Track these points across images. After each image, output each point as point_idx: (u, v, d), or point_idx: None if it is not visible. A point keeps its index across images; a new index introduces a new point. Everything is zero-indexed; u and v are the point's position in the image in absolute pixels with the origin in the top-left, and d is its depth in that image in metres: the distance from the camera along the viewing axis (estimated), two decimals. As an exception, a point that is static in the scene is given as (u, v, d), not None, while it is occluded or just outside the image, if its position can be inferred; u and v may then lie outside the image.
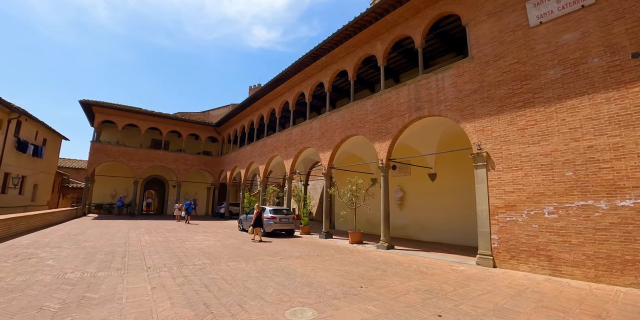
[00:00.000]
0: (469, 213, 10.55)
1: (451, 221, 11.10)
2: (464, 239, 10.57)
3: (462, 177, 10.96)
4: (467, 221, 10.57)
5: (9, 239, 8.59)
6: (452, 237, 10.98)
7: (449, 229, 11.12)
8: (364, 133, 10.45)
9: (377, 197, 11.51)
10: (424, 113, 8.78)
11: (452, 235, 10.99)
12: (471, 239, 10.34)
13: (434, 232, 11.57)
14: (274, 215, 11.52)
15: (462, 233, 10.70)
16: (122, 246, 8.08)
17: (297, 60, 13.04)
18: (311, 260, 7.09)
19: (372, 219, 13.58)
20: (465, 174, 10.89)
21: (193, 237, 10.67)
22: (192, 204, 16.74)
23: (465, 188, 10.87)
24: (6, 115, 14.63)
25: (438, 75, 8.60)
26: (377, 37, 10.44)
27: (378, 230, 13.27)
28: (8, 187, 15.31)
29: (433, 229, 11.63)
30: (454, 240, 10.89)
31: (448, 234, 11.12)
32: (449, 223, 11.16)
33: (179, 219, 17.43)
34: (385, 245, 9.17)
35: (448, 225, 11.17)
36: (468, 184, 10.75)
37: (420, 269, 6.53)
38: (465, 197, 10.82)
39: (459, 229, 10.80)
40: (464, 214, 10.73)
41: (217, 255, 7.30)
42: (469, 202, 10.63)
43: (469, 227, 10.47)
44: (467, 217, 10.60)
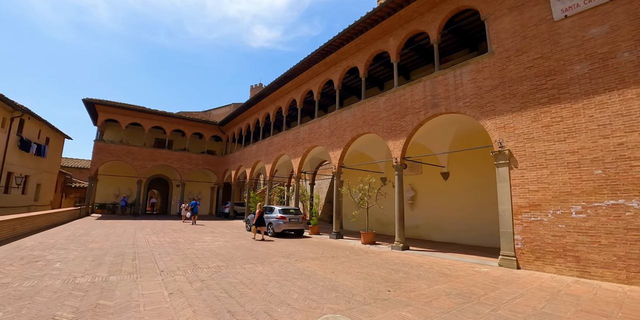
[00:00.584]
0: (484, 213, 10.32)
1: (465, 221, 10.86)
2: (480, 239, 10.33)
3: (477, 176, 10.73)
4: (483, 221, 10.34)
5: (13, 240, 8.36)
6: (466, 238, 10.73)
7: (463, 229, 10.88)
8: (377, 131, 10.20)
9: (388, 197, 11.31)
10: (440, 110, 8.52)
11: (466, 236, 10.75)
12: (487, 239, 10.11)
13: (447, 232, 11.33)
14: (284, 216, 11.28)
15: (476, 233, 10.47)
16: (131, 247, 7.85)
17: (305, 58, 12.78)
18: (328, 262, 6.85)
19: (382, 218, 13.36)
20: (479, 173, 10.66)
21: (201, 237, 10.43)
22: (198, 204, 16.28)
23: (479, 187, 10.63)
24: (9, 113, 14.38)
25: (456, 71, 8.34)
26: (389, 32, 10.19)
27: (388, 230, 13.08)
28: (11, 187, 15.06)
29: (446, 229, 11.39)
30: (469, 241, 10.64)
31: (462, 234, 10.87)
32: (463, 223, 10.91)
33: (185, 219, 17.06)
34: (400, 246, 8.93)
35: (462, 225, 10.93)
36: (482, 183, 10.53)
37: (443, 271, 6.29)
38: (479, 197, 10.59)
39: (474, 229, 10.56)
40: (479, 213, 10.49)
41: (230, 257, 7.06)
42: (484, 201, 10.41)
43: (485, 227, 10.24)
44: (482, 216, 10.37)
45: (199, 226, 14.67)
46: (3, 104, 13.59)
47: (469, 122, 9.73)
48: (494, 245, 9.86)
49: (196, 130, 23.34)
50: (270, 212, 11.87)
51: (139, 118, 20.84)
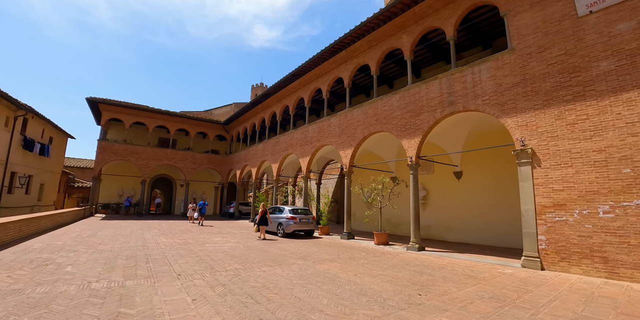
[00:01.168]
0: (499, 212, 10.16)
1: (479, 221, 10.69)
2: (494, 240, 10.17)
3: (491, 176, 10.56)
4: (497, 221, 10.18)
5: (20, 242, 8.15)
6: (480, 238, 10.56)
7: (476, 229, 10.71)
8: (390, 129, 10.01)
9: (400, 197, 11.13)
10: (458, 108, 8.34)
11: (480, 236, 10.58)
12: (502, 240, 9.95)
13: (459, 233, 11.16)
14: (294, 216, 11.09)
15: (491, 233, 10.30)
16: (141, 249, 7.64)
17: (314, 55, 12.58)
18: (347, 264, 6.66)
19: (392, 219, 13.17)
20: (494, 172, 10.49)
21: (211, 238, 10.24)
22: (206, 204, 15.71)
23: (493, 187, 10.46)
24: (12, 112, 14.14)
25: (474, 69, 8.15)
26: (403, 29, 9.99)
27: (400, 230, 12.91)
28: (15, 187, 14.83)
29: (459, 229, 11.21)
30: (483, 241, 10.47)
31: (475, 234, 10.70)
32: (476, 223, 10.74)
33: (193, 220, 16.54)
34: (416, 247, 8.75)
35: (475, 226, 10.76)
36: (497, 183, 10.36)
37: (467, 272, 6.12)
38: (494, 196, 10.42)
39: (488, 229, 10.39)
40: (493, 213, 10.33)
41: (245, 258, 6.87)
42: (498, 201, 10.25)
43: (499, 227, 10.08)
44: (497, 216, 10.21)
45: (206, 227, 14.47)
46: (7, 102, 13.36)
47: (484, 120, 9.57)
48: (510, 245, 9.71)
49: (200, 129, 23.12)
50: (280, 213, 11.68)
51: (143, 117, 20.61)
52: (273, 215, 12.05)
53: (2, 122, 13.67)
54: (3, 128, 13.75)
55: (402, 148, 12.78)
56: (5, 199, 14.06)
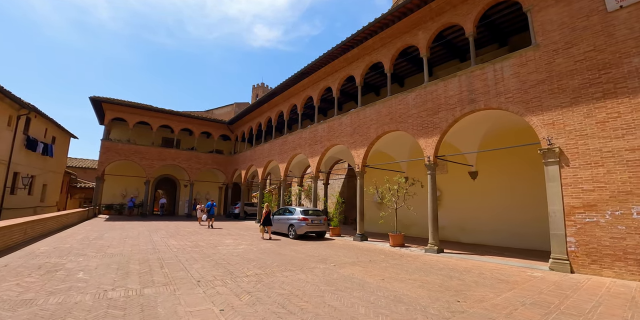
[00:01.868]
0: (515, 213, 9.94)
1: (495, 222, 10.45)
2: (511, 241, 9.94)
3: (507, 176, 10.33)
4: (514, 222, 9.95)
5: (25, 246, 7.85)
6: (496, 239, 10.33)
7: (492, 231, 10.48)
8: (406, 128, 9.76)
9: (414, 197, 10.88)
10: (479, 106, 8.10)
11: (496, 237, 10.35)
12: (519, 241, 9.73)
13: (475, 234, 10.92)
14: (306, 217, 10.83)
15: (507, 234, 10.07)
16: (152, 253, 7.36)
17: (325, 53, 12.33)
18: (369, 267, 6.41)
19: (403, 219, 12.91)
20: (510, 172, 10.27)
21: (222, 240, 9.97)
22: (214, 205, 14.79)
23: (510, 187, 10.24)
24: (15, 111, 13.84)
25: (495, 66, 7.92)
26: (419, 26, 9.75)
27: (412, 231, 12.65)
28: (17, 188, 14.52)
29: (474, 230, 10.98)
30: (499, 242, 10.24)
31: (492, 235, 10.47)
32: (492, 224, 10.51)
33: (201, 221, 15.87)
34: (435, 249, 8.51)
35: (491, 227, 10.53)
36: (514, 183, 10.14)
37: (496, 276, 5.88)
38: (510, 197, 10.19)
39: (504, 230, 10.16)
40: (510, 214, 10.10)
41: (263, 262, 6.61)
42: (515, 201, 10.02)
43: (516, 228, 9.86)
44: (513, 217, 9.98)
45: (214, 229, 14.18)
46: (10, 101, 13.06)
47: (502, 119, 9.33)
48: (528, 246, 9.50)
49: (204, 129, 22.83)
50: (291, 214, 11.43)
51: (147, 117, 20.31)
52: (283, 217, 11.80)
53: (5, 121, 13.38)
54: (6, 127, 13.45)
55: (414, 148, 12.58)
56: (8, 200, 13.76)
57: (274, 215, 12.51)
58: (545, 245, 9.20)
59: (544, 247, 9.23)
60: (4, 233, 7.24)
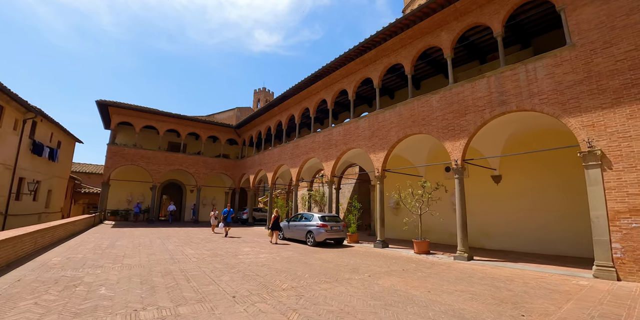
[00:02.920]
0: (542, 218, 9.62)
1: (520, 227, 10.11)
2: (538, 247, 9.59)
3: (532, 179, 10.02)
4: (541, 227, 9.62)
5: (36, 256, 7.41)
6: (522, 245, 9.97)
7: (518, 236, 10.12)
8: (430, 131, 9.47)
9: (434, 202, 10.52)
10: (510, 108, 7.82)
11: (522, 243, 9.99)
12: (548, 247, 9.39)
13: (499, 239, 10.56)
14: (325, 223, 10.45)
15: (534, 240, 9.73)
16: (172, 263, 6.95)
17: (340, 55, 12.11)
18: (407, 277, 6.04)
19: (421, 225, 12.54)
20: (536, 176, 9.96)
21: (240, 248, 9.57)
22: (232, 212, 13.54)
23: (536, 191, 9.92)
24: (22, 114, 13.49)
25: (528, 66, 7.67)
26: (442, 26, 9.54)
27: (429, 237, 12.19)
28: (23, 193, 14.09)
29: (498, 235, 10.61)
30: (526, 248, 9.88)
31: (517, 241, 10.12)
32: (518, 229, 10.16)
33: (215, 229, 14.81)
34: (465, 256, 8.15)
35: (517, 232, 10.18)
36: (539, 187, 9.82)
37: (542, 285, 5.56)
38: (536, 201, 9.87)
39: (531, 235, 9.81)
40: (536, 219, 9.77)
41: (293, 273, 6.22)
42: (542, 206, 9.70)
43: (544, 233, 9.52)
44: (540, 222, 9.66)
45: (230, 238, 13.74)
46: (16, 104, 12.72)
47: (529, 121, 9.07)
48: (556, 252, 9.19)
49: (211, 133, 22.50)
50: (308, 220, 11.04)
51: (154, 121, 19.99)
52: (300, 223, 11.41)
53: (11, 125, 13.02)
54: (12, 131, 13.08)
55: (433, 151, 12.29)
56: (13, 206, 13.32)
57: (289, 222, 12.14)
58: (575, 251, 8.88)
59: (574, 252, 8.90)
60: (15, 243, 6.81)
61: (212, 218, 14.99)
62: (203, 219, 22.84)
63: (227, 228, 13.12)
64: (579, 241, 8.77)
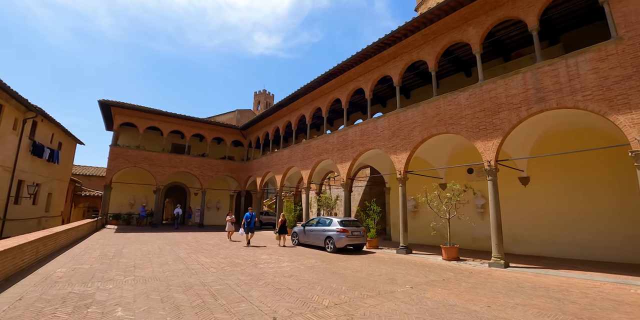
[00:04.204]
0: (575, 221, 9.13)
1: (552, 231, 9.62)
2: (572, 252, 9.12)
3: (564, 181, 9.55)
4: (574, 231, 9.14)
5: (38, 267, 6.69)
6: (554, 250, 9.48)
7: (549, 241, 9.63)
8: (458, 131, 8.98)
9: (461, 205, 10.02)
10: (550, 105, 7.35)
11: (554, 248, 9.50)
12: (581, 251, 8.93)
13: (529, 244, 10.04)
14: (345, 228, 9.88)
15: (567, 244, 9.25)
16: (190, 275, 6.30)
17: (357, 52, 11.64)
18: (453, 288, 5.49)
19: (442, 229, 12.00)
20: (567, 177, 9.49)
21: (256, 256, 8.97)
22: (254, 216, 11.79)
23: (568, 193, 9.44)
24: (21, 114, 12.84)
25: (568, 61, 7.21)
26: (470, 20, 9.09)
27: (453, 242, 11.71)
28: (22, 197, 13.39)
29: (527, 240, 10.10)
30: (559, 253, 9.38)
31: (549, 246, 9.62)
32: (549, 233, 9.67)
33: (232, 235, 13.07)
34: (501, 263, 7.63)
35: (548, 236, 9.69)
36: (572, 189, 9.35)
37: (604, 296, 5.10)
38: (568, 204, 9.39)
39: (563, 240, 9.33)
40: (569, 222, 9.28)
41: (327, 285, 5.64)
42: (575, 209, 9.21)
43: (577, 237, 9.04)
44: (573, 226, 9.17)
45: (236, 241, 13.10)
46: (16, 103, 12.09)
47: (561, 121, 8.63)
48: (591, 257, 8.72)
49: (217, 134, 21.90)
50: (327, 225, 10.47)
51: (158, 121, 19.37)
52: (317, 228, 10.84)
53: (10, 124, 12.37)
54: (11, 131, 12.43)
55: (455, 152, 11.81)
56: (12, 211, 12.62)
57: (304, 226, 11.58)
58: (614, 257, 8.39)
59: (612, 258, 8.42)
60: (15, 254, 6.10)
61: (229, 223, 12.94)
62: (208, 222, 22.16)
63: (249, 235, 11.45)
64: (619, 246, 8.28)
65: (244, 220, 11.57)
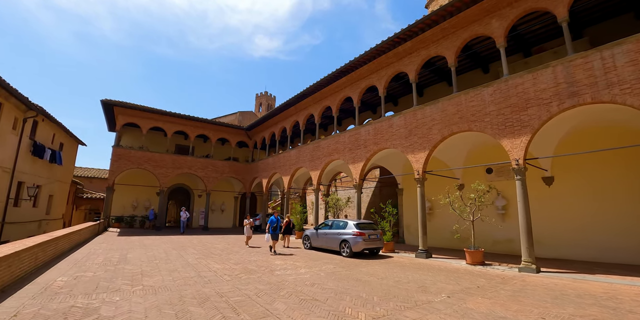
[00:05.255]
0: (604, 223, 8.67)
1: (579, 233, 9.16)
2: (601, 255, 8.67)
3: (591, 181, 9.11)
4: (602, 233, 8.68)
5: (37, 275, 6.11)
6: (582, 253, 9.02)
7: (576, 243, 9.18)
8: (482, 128, 8.54)
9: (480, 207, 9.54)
10: (584, 100, 6.92)
11: (581, 251, 9.05)
12: (611, 255, 8.45)
13: (553, 248, 9.56)
14: (362, 231, 9.40)
15: (595, 247, 8.81)
16: (203, 283, 5.78)
17: (371, 48, 11.25)
18: (497, 298, 5.01)
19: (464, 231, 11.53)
20: (594, 177, 9.04)
21: (271, 262, 8.47)
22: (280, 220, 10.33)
23: (595, 194, 8.99)
24: (22, 113, 12.40)
25: (603, 53, 6.79)
26: (493, 13, 8.70)
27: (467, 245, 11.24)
28: (22, 199, 12.90)
29: (552, 243, 9.62)
30: (586, 257, 8.93)
31: (576, 249, 9.16)
32: (575, 236, 9.21)
33: (249, 242, 11.84)
34: (533, 268, 7.18)
35: (574, 239, 9.23)
36: (600, 189, 8.89)
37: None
38: (596, 205, 8.93)
39: (591, 242, 8.89)
40: (597, 224, 8.82)
41: (356, 295, 5.16)
42: (603, 210, 8.76)
43: (606, 240, 8.58)
44: (602, 228, 8.70)
45: (244, 245, 12.58)
46: (16, 101, 11.65)
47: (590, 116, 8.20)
48: (621, 261, 8.24)
49: (222, 135, 21.47)
50: (341, 228, 9.99)
51: (162, 122, 18.94)
52: (331, 231, 10.36)
53: (10, 123, 11.91)
54: (11, 131, 11.97)
55: (473, 152, 11.36)
56: (11, 213, 12.13)
57: (317, 229, 11.11)
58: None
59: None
60: (11, 262, 5.53)
61: (247, 227, 11.64)
62: (212, 225, 21.66)
63: (274, 242, 9.99)
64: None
65: (269, 225, 10.06)
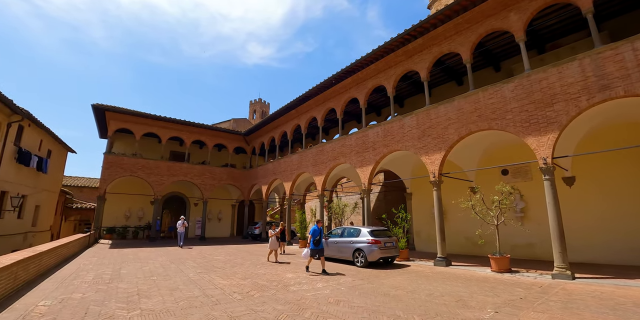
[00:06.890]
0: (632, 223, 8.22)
1: (606, 236, 8.69)
2: (633, 258, 8.11)
3: (617, 181, 8.68)
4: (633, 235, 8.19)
5: (16, 299, 5.18)
6: (611, 256, 8.56)
7: (604, 246, 8.71)
8: (504, 126, 8.07)
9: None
10: (616, 93, 6.50)
11: (610, 254, 8.59)
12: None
13: (577, 251, 9.01)
14: (377, 239, 8.73)
15: (626, 250, 8.33)
16: (211, 305, 4.96)
17: (379, 46, 10.83)
18: (549, 311, 4.41)
19: (474, 237, 10.91)
20: (621, 176, 8.62)
21: (281, 275, 7.71)
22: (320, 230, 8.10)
23: (623, 194, 8.55)
24: (6, 117, 11.51)
25: (635, 44, 6.43)
26: (510, 6, 8.35)
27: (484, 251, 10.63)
28: (5, 210, 11.87)
29: (575, 247, 9.05)
30: (616, 260, 8.46)
31: (604, 252, 8.69)
32: (603, 238, 8.74)
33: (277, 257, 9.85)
34: (567, 274, 6.65)
35: (601, 241, 8.75)
36: (628, 189, 8.47)
37: None
38: (625, 206, 8.47)
39: (621, 245, 8.42)
40: (627, 226, 8.34)
41: (393, 314, 4.47)
42: (630, 209, 8.32)
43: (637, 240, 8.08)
44: (633, 230, 8.23)
45: (249, 254, 11.75)
46: (0, 104, 10.80)
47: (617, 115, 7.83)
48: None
49: (219, 141, 20.71)
50: (355, 235, 9.30)
51: (156, 127, 18.14)
52: (343, 239, 9.66)
53: (-7, 129, 11.04)
54: (-7, 137, 11.08)
55: (488, 152, 10.88)
56: (-8, 227, 11.11)
57: (326, 238, 10.39)
58: None
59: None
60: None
61: (273, 239, 9.75)
62: (209, 235, 20.67)
63: (310, 259, 8.05)
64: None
65: (310, 238, 7.98)
